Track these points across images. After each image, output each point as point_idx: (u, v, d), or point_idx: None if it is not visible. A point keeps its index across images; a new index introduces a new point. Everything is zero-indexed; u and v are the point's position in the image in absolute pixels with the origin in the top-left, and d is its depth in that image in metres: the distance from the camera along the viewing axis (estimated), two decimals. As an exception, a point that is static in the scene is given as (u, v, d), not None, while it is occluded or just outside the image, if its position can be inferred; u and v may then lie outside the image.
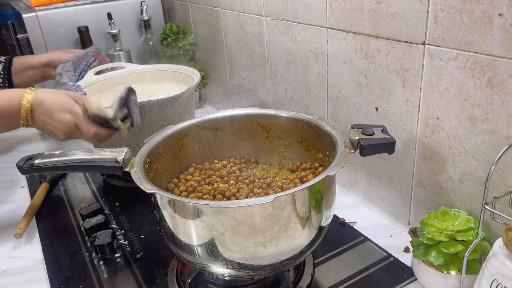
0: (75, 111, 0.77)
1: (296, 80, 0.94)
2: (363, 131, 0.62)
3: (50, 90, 0.80)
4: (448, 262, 0.60)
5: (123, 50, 1.37)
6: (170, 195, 0.53)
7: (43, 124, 0.78)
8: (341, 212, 0.83)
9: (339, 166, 0.55)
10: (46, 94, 0.78)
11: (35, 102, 0.77)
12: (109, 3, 1.38)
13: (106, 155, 0.62)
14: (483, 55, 0.55)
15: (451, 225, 0.61)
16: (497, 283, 0.49)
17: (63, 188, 1.00)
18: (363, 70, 0.75)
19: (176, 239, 0.57)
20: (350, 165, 0.87)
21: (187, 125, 0.73)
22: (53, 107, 0.77)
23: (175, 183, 0.70)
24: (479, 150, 0.60)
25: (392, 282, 0.65)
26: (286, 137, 0.75)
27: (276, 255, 0.55)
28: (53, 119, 0.77)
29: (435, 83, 0.63)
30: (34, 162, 0.63)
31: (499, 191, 0.59)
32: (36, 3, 1.33)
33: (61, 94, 0.79)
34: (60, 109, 0.77)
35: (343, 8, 0.74)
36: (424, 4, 0.60)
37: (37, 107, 0.77)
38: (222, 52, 1.24)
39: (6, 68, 1.05)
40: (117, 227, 0.84)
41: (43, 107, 0.77)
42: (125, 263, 0.74)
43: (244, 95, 1.20)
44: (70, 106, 0.77)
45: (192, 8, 1.34)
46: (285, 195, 0.51)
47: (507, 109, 0.55)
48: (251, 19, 1.04)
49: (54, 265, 0.75)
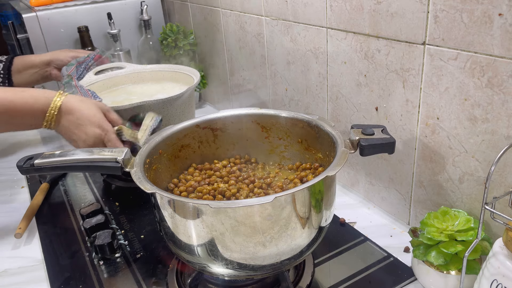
0: (105, 128, 0.77)
1: (296, 80, 0.94)
2: (363, 131, 0.62)
3: (80, 98, 0.80)
4: (448, 262, 0.60)
5: (123, 50, 1.37)
6: (170, 195, 0.53)
7: (67, 131, 0.78)
8: (341, 212, 0.83)
9: (339, 166, 0.55)
10: (76, 102, 0.77)
11: (64, 108, 0.76)
12: (109, 3, 1.38)
13: (106, 155, 0.62)
14: (483, 55, 0.55)
15: (451, 225, 0.61)
16: (497, 283, 0.49)
17: (63, 188, 1.00)
18: (363, 70, 0.75)
19: (176, 239, 0.57)
20: (350, 165, 0.87)
21: (187, 125, 0.73)
22: (83, 117, 0.76)
23: (175, 183, 0.70)
24: (479, 150, 0.60)
25: (392, 282, 0.65)
26: (286, 137, 0.75)
27: (276, 255, 0.55)
28: (80, 129, 0.77)
29: (435, 83, 0.63)
30: (34, 162, 0.63)
31: (499, 191, 0.59)
32: (36, 3, 1.33)
33: (91, 105, 0.78)
34: (90, 122, 0.76)
35: (343, 8, 0.74)
36: (424, 4, 0.60)
37: (65, 114, 0.76)
38: (222, 52, 1.24)
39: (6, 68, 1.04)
40: (117, 227, 0.84)
41: (72, 115, 0.76)
42: (125, 263, 0.74)
43: (244, 95, 1.20)
44: (101, 121, 0.77)
45: (192, 8, 1.34)
46: (285, 195, 0.51)
47: (507, 109, 0.55)
48: (251, 19, 1.04)
49: (54, 265, 0.75)
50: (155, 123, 0.80)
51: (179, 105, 0.91)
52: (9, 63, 1.05)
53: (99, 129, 0.77)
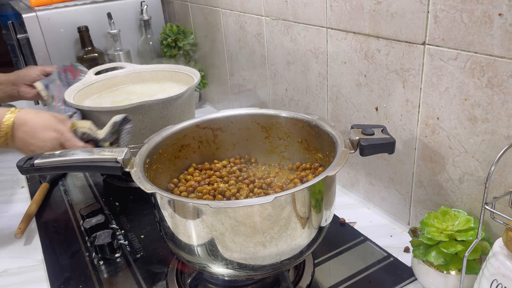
0: (60, 129, 0.77)
1: (296, 80, 0.94)
2: (363, 131, 0.62)
3: (34, 110, 0.79)
4: (448, 262, 0.60)
5: (123, 50, 1.37)
6: (170, 195, 0.53)
7: (24, 143, 0.77)
8: (341, 212, 0.83)
9: (339, 166, 0.55)
10: (30, 114, 0.77)
11: (17, 122, 0.75)
12: (109, 3, 1.38)
13: (106, 155, 0.62)
14: (483, 55, 0.55)
15: (451, 225, 0.61)
16: (497, 283, 0.49)
17: (63, 188, 1.00)
18: (363, 70, 0.75)
19: (176, 239, 0.57)
20: (350, 165, 0.87)
21: (187, 125, 0.73)
22: (36, 126, 0.76)
23: (175, 183, 0.70)
24: (479, 150, 0.60)
25: (392, 282, 0.65)
26: (286, 137, 0.75)
27: (276, 255, 0.55)
28: (36, 137, 0.76)
29: (435, 83, 0.63)
30: (34, 162, 0.63)
31: (499, 191, 0.59)
32: (36, 3, 1.33)
33: (45, 115, 0.79)
34: (44, 128, 0.76)
35: (343, 8, 0.74)
36: (424, 4, 0.60)
37: (19, 126, 0.75)
38: (222, 52, 1.24)
39: None
40: (117, 227, 0.84)
41: (26, 126, 0.76)
42: (125, 263, 0.74)
43: (244, 95, 1.20)
44: (54, 124, 0.77)
45: (192, 8, 1.34)
46: (285, 195, 0.51)
47: (507, 109, 0.55)
48: (251, 19, 1.04)
49: (54, 265, 0.75)
50: (118, 119, 0.79)
51: (179, 105, 0.91)
52: None
53: (54, 132, 0.76)
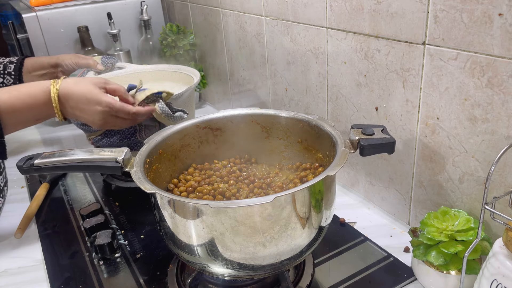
0: (105, 100, 0.76)
1: (296, 80, 0.94)
2: (363, 131, 0.62)
3: (75, 80, 0.78)
4: (448, 262, 0.60)
5: (123, 50, 1.37)
6: (170, 195, 0.53)
7: (76, 117, 0.78)
8: (341, 212, 0.83)
9: (339, 166, 0.55)
10: (71, 86, 0.76)
11: (61, 96, 0.75)
12: (109, 3, 1.38)
13: (106, 155, 0.62)
14: (483, 55, 0.55)
15: (451, 225, 0.61)
16: (497, 283, 0.49)
17: (63, 188, 1.00)
18: (363, 70, 0.75)
19: (176, 239, 0.57)
20: (350, 165, 0.87)
21: (187, 125, 0.73)
22: (79, 100, 0.76)
23: (175, 183, 0.70)
24: (479, 150, 0.60)
25: (392, 282, 0.65)
26: (286, 137, 0.75)
27: (276, 255, 0.55)
28: (85, 112, 0.76)
29: (435, 83, 0.63)
30: (34, 162, 0.63)
31: (499, 191, 0.59)
32: (36, 3, 1.33)
33: (85, 84, 0.77)
34: (88, 101, 0.76)
35: (343, 8, 0.74)
36: (424, 4, 0.60)
37: (65, 101, 0.76)
38: (222, 52, 1.24)
39: (17, 69, 1.05)
40: (117, 227, 0.84)
41: (70, 101, 0.76)
42: (125, 263, 0.74)
43: (244, 95, 1.20)
44: (98, 96, 0.76)
45: (192, 8, 1.34)
46: (285, 195, 0.51)
47: (507, 109, 0.55)
48: (251, 19, 1.04)
49: (54, 265, 0.75)
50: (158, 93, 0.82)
51: (179, 105, 0.91)
52: (20, 64, 1.05)
53: (100, 106, 0.76)
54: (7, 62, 1.05)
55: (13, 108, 0.73)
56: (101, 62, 1.11)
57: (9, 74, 1.04)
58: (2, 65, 1.03)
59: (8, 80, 1.04)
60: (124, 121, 0.80)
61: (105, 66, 1.10)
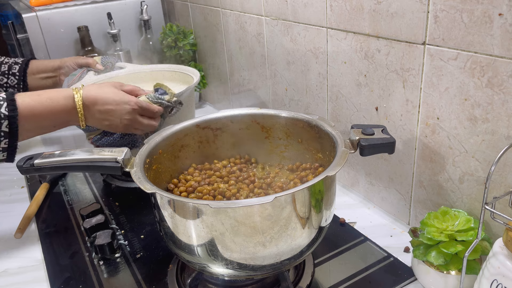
0: (132, 100, 0.78)
1: (296, 80, 0.94)
2: (363, 131, 0.62)
3: (97, 85, 0.80)
4: (448, 262, 0.60)
5: (123, 50, 1.37)
6: (170, 195, 0.53)
7: (101, 121, 0.78)
8: (341, 212, 0.83)
9: (339, 166, 0.55)
10: (95, 90, 0.77)
11: (88, 102, 0.76)
12: (109, 3, 1.38)
13: (106, 155, 0.62)
14: (483, 55, 0.55)
15: (451, 225, 0.61)
16: (497, 283, 0.49)
17: (63, 188, 1.00)
18: (363, 70, 0.75)
19: (176, 239, 0.57)
20: (350, 165, 0.87)
21: (187, 125, 0.73)
22: (109, 102, 0.77)
23: (175, 183, 0.70)
24: (479, 150, 0.60)
25: (392, 282, 0.65)
26: (286, 137, 0.75)
27: (276, 255, 0.55)
28: (113, 114, 0.77)
29: (435, 83, 0.63)
30: (34, 162, 0.63)
31: (499, 191, 0.59)
32: (36, 3, 1.33)
33: (108, 87, 0.79)
34: (116, 102, 0.77)
35: (343, 8, 0.74)
36: (424, 4, 0.60)
37: (92, 106, 0.76)
38: (222, 52, 1.24)
39: (22, 70, 1.06)
40: (117, 227, 0.84)
41: (99, 105, 0.77)
42: (125, 263, 0.74)
43: (244, 95, 1.20)
44: (124, 96, 0.78)
45: (192, 8, 1.34)
46: (285, 195, 0.51)
47: (507, 109, 0.55)
48: (251, 19, 1.04)
49: (54, 265, 0.75)
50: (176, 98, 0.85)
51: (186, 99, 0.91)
52: (25, 66, 1.06)
53: (128, 105, 0.78)
54: (12, 62, 1.05)
55: (32, 112, 0.73)
56: (101, 62, 1.11)
57: (14, 75, 1.04)
58: (7, 66, 1.04)
59: (12, 81, 1.04)
60: (149, 122, 0.82)
61: (105, 66, 1.11)
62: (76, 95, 0.76)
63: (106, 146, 0.92)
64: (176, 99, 0.85)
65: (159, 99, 0.82)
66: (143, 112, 0.80)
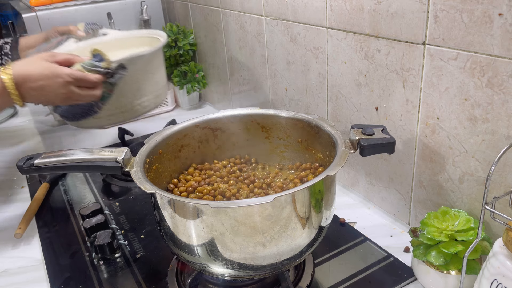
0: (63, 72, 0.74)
1: (296, 80, 0.94)
2: (363, 131, 0.62)
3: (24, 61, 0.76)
4: (448, 262, 0.60)
5: (123, 50, 1.37)
6: (170, 195, 0.53)
7: (38, 98, 0.75)
8: (341, 212, 0.83)
9: (339, 166, 0.55)
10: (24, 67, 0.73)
11: (18, 79, 0.72)
12: (109, 3, 1.38)
13: (106, 155, 0.62)
14: (483, 55, 0.55)
15: (451, 225, 0.61)
16: (497, 283, 0.49)
17: (63, 188, 1.00)
18: (363, 70, 0.75)
19: (176, 239, 0.57)
20: (350, 165, 0.87)
21: (187, 125, 0.73)
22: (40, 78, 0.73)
23: (175, 183, 0.70)
24: (479, 150, 0.60)
25: (392, 282, 0.65)
26: (286, 137, 0.75)
27: (276, 255, 0.55)
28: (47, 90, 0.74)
29: (435, 83, 0.63)
30: (34, 162, 0.63)
31: (499, 191, 0.59)
32: (36, 3, 1.33)
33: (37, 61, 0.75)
34: (48, 77, 0.73)
35: (343, 8, 0.74)
36: (424, 4, 0.60)
37: (23, 83, 0.73)
38: (222, 52, 1.24)
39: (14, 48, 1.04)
40: (117, 227, 0.84)
41: (29, 82, 0.73)
42: (125, 263, 0.74)
43: (244, 95, 1.20)
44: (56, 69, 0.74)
45: (192, 8, 1.34)
46: (285, 195, 0.51)
47: (507, 109, 0.55)
48: (251, 19, 1.04)
49: (54, 265, 0.75)
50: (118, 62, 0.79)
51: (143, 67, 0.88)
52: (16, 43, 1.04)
53: (60, 78, 0.74)
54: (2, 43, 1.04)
55: None
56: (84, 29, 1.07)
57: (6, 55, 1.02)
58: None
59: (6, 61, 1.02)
60: (88, 92, 0.77)
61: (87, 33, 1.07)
62: (3, 75, 0.71)
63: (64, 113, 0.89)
64: (117, 65, 0.79)
65: (94, 66, 0.77)
66: (79, 83, 0.76)
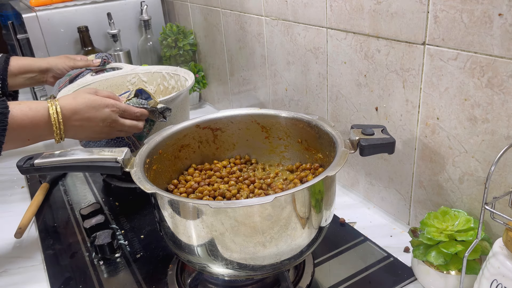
0: (109, 102, 0.75)
1: (296, 80, 0.94)
2: (363, 131, 0.62)
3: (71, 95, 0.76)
4: (448, 262, 0.60)
5: (123, 50, 1.37)
6: (170, 195, 0.53)
7: (82, 131, 0.75)
8: (341, 212, 0.83)
9: (339, 166, 0.55)
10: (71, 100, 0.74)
11: (67, 112, 0.72)
12: (109, 3, 1.38)
13: (106, 155, 0.62)
14: (483, 55, 0.55)
15: (451, 225, 0.61)
16: (497, 283, 0.49)
17: (63, 188, 1.00)
18: (363, 70, 0.75)
19: (176, 239, 0.57)
20: (350, 165, 0.87)
21: (187, 125, 0.73)
22: (87, 109, 0.74)
23: (175, 184, 0.70)
24: (479, 150, 0.60)
25: (392, 282, 0.65)
26: (286, 137, 0.75)
27: (276, 255, 0.55)
28: (93, 121, 0.74)
29: (435, 83, 0.63)
30: (34, 162, 0.63)
31: (499, 191, 0.59)
32: (36, 3, 1.33)
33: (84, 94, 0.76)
34: (94, 108, 0.74)
35: (343, 8, 0.74)
36: (424, 4, 0.60)
37: (72, 115, 0.73)
38: (222, 52, 1.24)
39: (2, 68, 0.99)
40: (117, 227, 0.84)
41: (78, 114, 0.73)
42: (125, 263, 0.74)
43: (244, 95, 1.20)
44: (101, 100, 0.75)
45: (192, 8, 1.34)
46: (285, 195, 0.51)
47: (507, 109, 0.55)
48: (251, 19, 1.04)
49: (54, 265, 0.75)
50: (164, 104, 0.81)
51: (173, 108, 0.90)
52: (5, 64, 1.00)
53: (107, 108, 0.75)
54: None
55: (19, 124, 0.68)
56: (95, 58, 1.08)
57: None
58: None
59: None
60: (132, 123, 0.78)
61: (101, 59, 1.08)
62: (52, 108, 0.71)
63: None
64: (162, 106, 0.81)
65: (141, 104, 0.79)
66: (124, 114, 0.77)
